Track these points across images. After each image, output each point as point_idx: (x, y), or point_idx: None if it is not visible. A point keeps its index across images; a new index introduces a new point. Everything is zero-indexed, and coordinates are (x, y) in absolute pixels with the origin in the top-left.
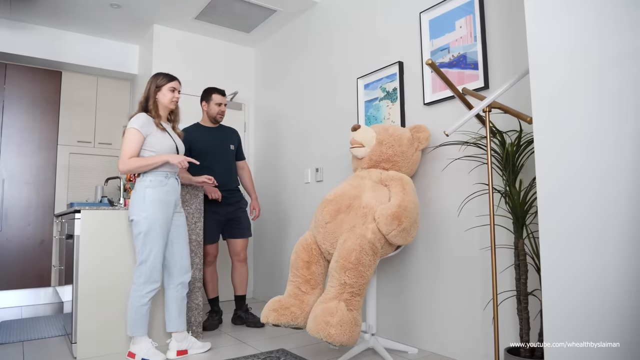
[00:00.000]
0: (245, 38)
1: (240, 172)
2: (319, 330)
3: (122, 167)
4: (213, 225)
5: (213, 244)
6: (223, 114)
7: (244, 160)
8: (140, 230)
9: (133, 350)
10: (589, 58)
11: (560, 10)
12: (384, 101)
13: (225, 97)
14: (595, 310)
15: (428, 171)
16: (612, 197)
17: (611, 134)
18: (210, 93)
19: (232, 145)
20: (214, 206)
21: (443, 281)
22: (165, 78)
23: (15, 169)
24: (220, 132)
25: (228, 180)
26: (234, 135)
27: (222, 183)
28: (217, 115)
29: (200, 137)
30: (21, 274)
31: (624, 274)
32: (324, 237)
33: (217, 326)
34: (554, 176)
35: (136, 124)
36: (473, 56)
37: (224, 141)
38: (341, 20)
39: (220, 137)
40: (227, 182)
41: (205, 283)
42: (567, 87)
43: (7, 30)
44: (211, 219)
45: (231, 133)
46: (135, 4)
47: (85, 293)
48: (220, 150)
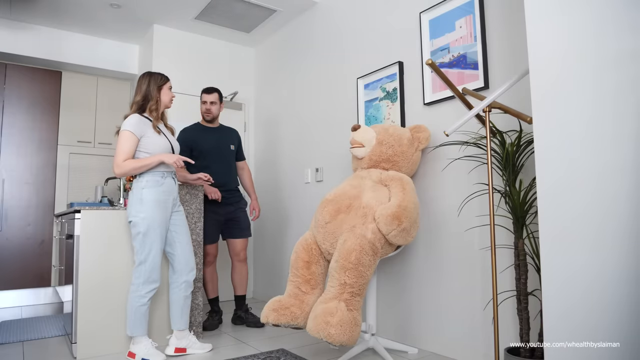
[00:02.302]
0: (245, 38)
1: (240, 172)
2: (319, 330)
3: (117, 170)
4: (213, 225)
5: (213, 244)
6: (210, 112)
7: (244, 160)
8: (138, 231)
9: (133, 350)
10: (588, 58)
11: (560, 10)
12: (384, 101)
13: (213, 94)
14: (595, 310)
15: (428, 171)
16: (611, 197)
17: (611, 134)
18: (201, 92)
19: (232, 145)
20: (213, 206)
21: (443, 281)
22: (163, 77)
23: (15, 169)
24: (221, 132)
25: (228, 180)
26: (234, 136)
27: (222, 183)
28: (204, 114)
29: (200, 137)
30: (21, 274)
31: (623, 274)
32: (324, 237)
33: (217, 326)
34: (554, 176)
35: (130, 126)
36: (473, 56)
37: (224, 141)
38: (341, 20)
39: (220, 137)
40: (227, 182)
41: (205, 283)
42: (567, 87)
43: (7, 30)
44: (211, 219)
45: (231, 133)
46: (135, 4)
47: (85, 293)
48: (220, 150)
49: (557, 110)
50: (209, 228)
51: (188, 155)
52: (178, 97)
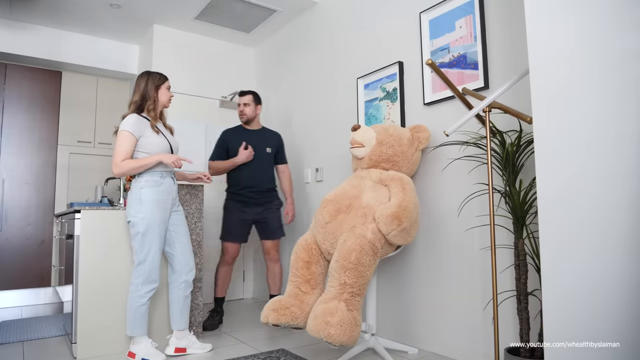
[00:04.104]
0: (245, 38)
1: (280, 175)
2: (319, 330)
3: (116, 170)
4: (237, 224)
5: (234, 242)
6: (244, 114)
7: (285, 164)
8: (137, 231)
9: (133, 350)
10: (589, 58)
11: (560, 10)
12: (384, 101)
13: (246, 96)
14: (596, 310)
15: (428, 171)
16: (612, 197)
17: (612, 134)
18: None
19: (268, 147)
20: (240, 205)
21: (443, 281)
22: (161, 77)
23: (15, 169)
24: (258, 134)
25: (257, 181)
26: (273, 138)
27: (251, 184)
28: (239, 116)
29: (234, 138)
30: (21, 274)
31: (624, 274)
32: (324, 237)
33: (217, 326)
34: (554, 176)
35: (128, 126)
36: (473, 56)
37: (259, 143)
38: (341, 20)
39: (255, 139)
40: (256, 184)
41: (216, 280)
42: (568, 87)
43: (7, 30)
44: (236, 218)
45: (270, 136)
46: (135, 4)
47: (85, 293)
48: (253, 152)
49: (557, 110)
50: (232, 226)
51: (225, 156)
52: (178, 97)
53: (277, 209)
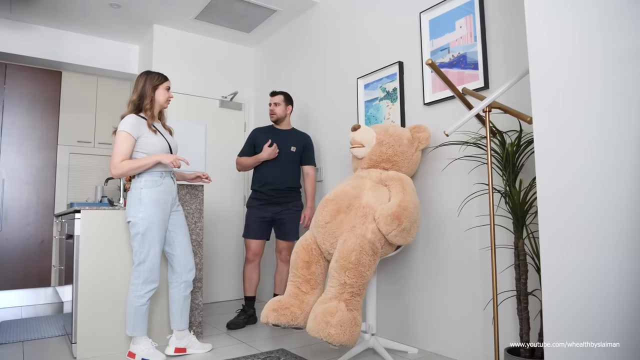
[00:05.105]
0: (245, 38)
1: (304, 176)
2: (319, 330)
3: (114, 171)
4: (256, 221)
5: (255, 239)
6: (273, 113)
7: (311, 165)
8: (137, 231)
9: (133, 350)
10: (589, 58)
11: (560, 10)
12: (384, 101)
13: (277, 96)
14: (596, 310)
15: (428, 171)
16: (613, 197)
17: (612, 134)
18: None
19: (293, 147)
20: (258, 202)
21: (443, 281)
22: (160, 77)
23: (15, 169)
24: (285, 134)
25: (277, 179)
26: (300, 139)
27: (270, 181)
28: (270, 115)
29: (261, 137)
30: (21, 274)
31: (624, 274)
32: (324, 237)
33: (241, 326)
34: (554, 176)
35: (126, 127)
36: (473, 56)
37: (284, 142)
38: (341, 20)
39: (280, 139)
40: (276, 181)
41: (243, 279)
42: (568, 87)
43: (7, 30)
44: (254, 215)
45: (297, 136)
46: (135, 4)
47: (85, 293)
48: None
49: (557, 110)
50: (252, 223)
51: (252, 153)
52: (178, 97)
53: (296, 210)
